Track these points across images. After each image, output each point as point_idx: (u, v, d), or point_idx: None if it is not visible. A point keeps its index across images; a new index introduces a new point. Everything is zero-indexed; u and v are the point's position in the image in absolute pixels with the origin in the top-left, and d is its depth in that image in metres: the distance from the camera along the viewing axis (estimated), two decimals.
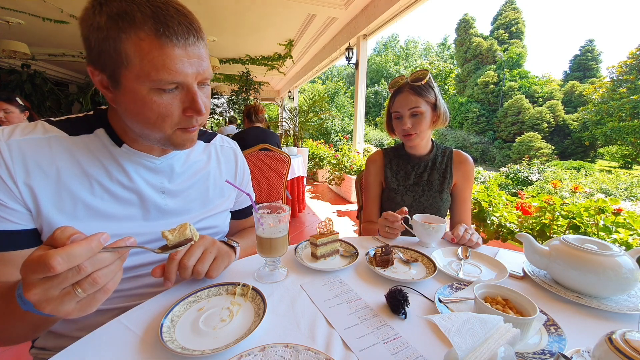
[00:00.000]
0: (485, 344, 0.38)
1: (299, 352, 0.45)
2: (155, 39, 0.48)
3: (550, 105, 22.35)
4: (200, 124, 0.59)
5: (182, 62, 0.50)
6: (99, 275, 0.38)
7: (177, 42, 0.49)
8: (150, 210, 0.65)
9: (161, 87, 0.51)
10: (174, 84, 0.51)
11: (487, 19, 57.93)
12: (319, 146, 7.03)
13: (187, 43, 0.50)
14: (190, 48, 0.51)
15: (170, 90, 0.52)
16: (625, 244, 1.60)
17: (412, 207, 1.16)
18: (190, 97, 0.54)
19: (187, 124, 0.57)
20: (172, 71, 0.49)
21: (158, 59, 0.48)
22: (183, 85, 0.53)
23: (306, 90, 17.99)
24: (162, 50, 0.48)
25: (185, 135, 0.58)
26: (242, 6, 4.29)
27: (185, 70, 0.51)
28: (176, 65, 0.49)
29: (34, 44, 5.52)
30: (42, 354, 0.67)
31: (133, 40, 0.47)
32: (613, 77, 18.54)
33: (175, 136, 0.57)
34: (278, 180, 2.55)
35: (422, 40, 51.40)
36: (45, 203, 0.54)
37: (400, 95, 1.10)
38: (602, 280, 0.61)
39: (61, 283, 0.36)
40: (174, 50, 0.49)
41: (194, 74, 0.52)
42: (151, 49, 0.48)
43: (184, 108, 0.54)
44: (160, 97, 0.52)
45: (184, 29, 0.50)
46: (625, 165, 19.16)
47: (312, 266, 0.73)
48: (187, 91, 0.53)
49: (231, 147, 0.87)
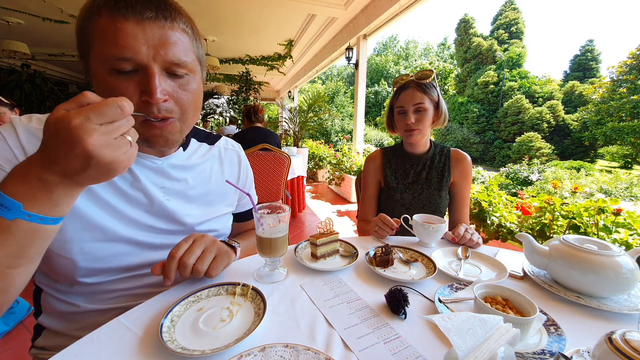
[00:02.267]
0: (485, 344, 0.38)
1: (299, 352, 0.45)
2: (109, 14, 0.46)
3: (550, 105, 22.34)
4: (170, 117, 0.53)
5: (135, 37, 0.47)
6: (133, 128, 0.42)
7: (129, 16, 0.46)
8: (152, 208, 0.65)
9: (115, 67, 0.48)
10: (127, 62, 0.47)
11: (487, 19, 58.00)
12: (319, 146, 7.02)
13: (143, 17, 0.47)
14: (147, 23, 0.47)
15: (127, 73, 0.49)
16: (625, 244, 1.60)
17: (411, 204, 1.17)
18: (146, 80, 0.49)
19: (146, 112, 0.51)
20: (120, 46, 0.46)
21: (109, 33, 0.46)
22: (140, 67, 0.49)
23: (306, 90, 17.97)
24: (113, 24, 0.46)
25: (150, 130, 0.53)
26: (242, 6, 4.29)
27: (138, 47, 0.47)
28: (126, 40, 0.46)
29: (34, 44, 5.53)
30: (42, 354, 0.67)
31: (95, 20, 0.47)
32: (613, 77, 18.52)
33: (141, 129, 0.51)
34: (278, 180, 2.55)
35: (422, 41, 51.62)
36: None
37: (405, 91, 1.12)
38: (602, 280, 0.61)
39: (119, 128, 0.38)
40: (125, 25, 0.46)
41: (151, 52, 0.48)
42: (105, 26, 0.47)
43: (140, 92, 0.50)
44: (117, 79, 0.48)
45: (143, 3, 0.47)
46: (625, 165, 19.15)
47: (312, 266, 0.73)
48: (144, 72, 0.49)
49: (235, 150, 0.85)
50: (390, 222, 0.93)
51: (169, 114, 0.53)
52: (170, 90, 0.52)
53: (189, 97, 0.56)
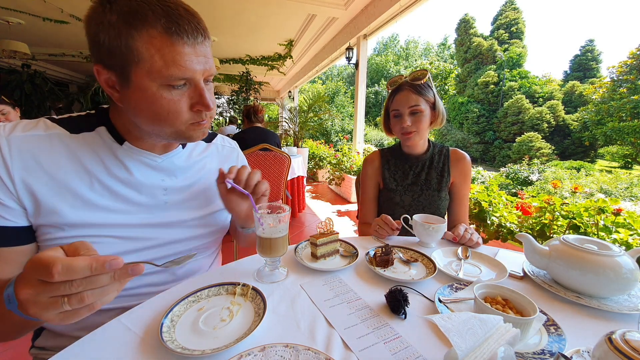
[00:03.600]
0: (485, 343, 0.38)
1: (299, 352, 0.45)
2: (167, 36, 0.50)
3: (550, 105, 22.33)
4: (210, 118, 0.62)
5: (191, 59, 0.52)
6: (88, 294, 0.38)
7: (187, 40, 0.51)
8: (151, 206, 0.65)
9: (170, 84, 0.53)
10: (182, 80, 0.53)
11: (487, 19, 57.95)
12: (319, 146, 7.02)
13: (196, 42, 0.52)
14: (198, 46, 0.53)
15: (178, 87, 0.54)
16: (625, 244, 1.60)
17: (411, 206, 1.16)
18: (198, 93, 0.56)
19: (197, 119, 0.59)
20: (182, 67, 0.52)
21: (169, 55, 0.50)
22: (191, 82, 0.55)
23: (306, 90, 17.99)
24: (173, 47, 0.50)
25: (197, 128, 0.61)
26: (242, 6, 4.29)
27: (194, 67, 0.53)
28: (185, 62, 0.52)
29: (34, 44, 5.53)
30: (42, 354, 0.67)
31: (145, 38, 0.49)
32: (613, 77, 18.52)
33: (187, 130, 0.59)
34: (278, 180, 2.55)
35: (422, 41, 51.41)
36: (45, 199, 0.55)
37: (399, 93, 1.09)
38: (602, 280, 0.61)
39: (52, 291, 0.36)
40: (184, 48, 0.51)
41: (202, 70, 0.55)
42: (163, 46, 0.50)
43: (191, 104, 0.57)
44: (170, 93, 0.54)
45: (193, 27, 0.52)
46: (625, 165, 19.13)
47: (312, 266, 0.73)
48: (194, 87, 0.56)
49: (232, 146, 0.88)
50: (391, 223, 0.93)
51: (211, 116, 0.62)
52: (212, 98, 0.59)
53: (214, 98, 0.61)
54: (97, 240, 0.58)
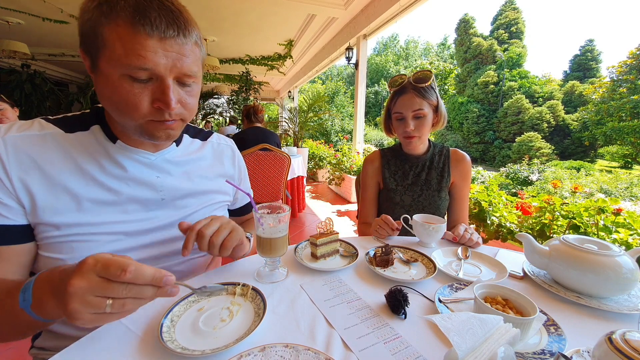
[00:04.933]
0: (485, 344, 0.38)
1: (299, 352, 0.45)
2: (130, 26, 0.49)
3: (550, 105, 22.32)
4: (178, 119, 0.58)
5: (155, 51, 0.50)
6: (130, 301, 0.40)
7: (151, 33, 0.49)
8: (147, 203, 0.66)
9: (131, 74, 0.51)
10: (144, 72, 0.51)
11: (487, 19, 57.95)
12: (319, 146, 7.02)
13: (164, 35, 0.50)
14: (168, 40, 0.51)
15: (142, 81, 0.52)
16: (625, 244, 1.60)
17: (411, 206, 1.16)
18: (162, 90, 0.53)
19: (158, 117, 0.55)
20: (141, 58, 0.49)
21: (129, 44, 0.49)
22: (157, 77, 0.52)
23: (306, 90, 18.00)
24: (134, 37, 0.49)
25: (159, 127, 0.57)
26: (242, 6, 4.29)
27: (157, 60, 0.50)
28: (147, 53, 0.50)
29: (34, 44, 5.52)
30: (42, 354, 0.67)
31: (111, 25, 0.49)
32: (613, 77, 18.52)
33: (147, 126, 0.56)
34: (278, 180, 2.55)
35: (422, 40, 51.48)
36: (41, 198, 0.55)
37: (403, 96, 1.07)
38: (602, 280, 0.61)
39: (108, 290, 0.38)
40: (147, 40, 0.49)
41: (168, 66, 0.52)
42: (124, 34, 0.49)
43: (153, 99, 0.54)
44: (131, 84, 0.52)
45: (163, 21, 0.50)
46: (625, 165, 19.13)
47: (312, 266, 0.73)
48: (159, 83, 0.53)
49: (228, 144, 0.87)
50: (391, 223, 0.93)
51: (177, 117, 0.58)
52: (179, 97, 0.56)
53: (193, 101, 0.60)
54: (93, 238, 0.58)
